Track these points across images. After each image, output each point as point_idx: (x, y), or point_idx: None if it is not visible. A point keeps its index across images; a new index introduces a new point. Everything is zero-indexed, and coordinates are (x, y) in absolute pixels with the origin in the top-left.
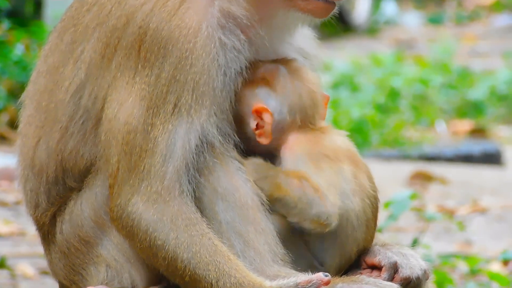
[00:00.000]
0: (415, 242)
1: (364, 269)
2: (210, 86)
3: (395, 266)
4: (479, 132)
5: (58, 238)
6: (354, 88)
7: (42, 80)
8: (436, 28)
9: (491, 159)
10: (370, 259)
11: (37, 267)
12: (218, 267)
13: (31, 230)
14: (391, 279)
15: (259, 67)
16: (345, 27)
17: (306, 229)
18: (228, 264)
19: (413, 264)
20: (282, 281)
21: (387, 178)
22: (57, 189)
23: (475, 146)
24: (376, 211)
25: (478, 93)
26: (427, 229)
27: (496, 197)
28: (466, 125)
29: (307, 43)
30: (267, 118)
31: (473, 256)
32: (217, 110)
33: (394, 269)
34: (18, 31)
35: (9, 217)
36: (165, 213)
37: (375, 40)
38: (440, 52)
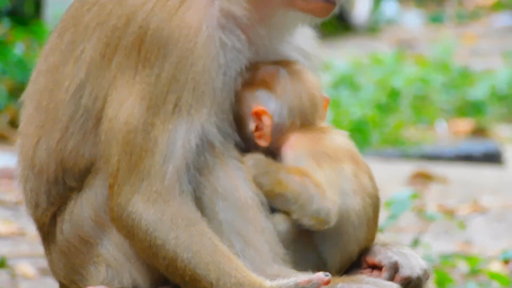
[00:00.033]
0: (416, 242)
1: (365, 269)
2: (211, 86)
3: (396, 266)
4: (480, 132)
5: (58, 238)
6: (354, 88)
7: (42, 80)
8: (437, 28)
9: (492, 159)
10: (371, 259)
11: (37, 267)
12: (218, 267)
13: (31, 230)
14: (392, 279)
15: (260, 69)
16: (346, 27)
17: (305, 226)
18: (228, 264)
19: (414, 264)
20: (282, 281)
21: (388, 178)
22: (57, 189)
23: (476, 146)
24: (377, 211)
25: (479, 93)
26: (427, 229)
27: (497, 197)
28: (467, 125)
29: (308, 43)
30: (267, 121)
31: (474, 256)
32: (218, 110)
33: (395, 269)
34: (19, 31)
35: (9, 217)
36: (165, 213)
37: (376, 40)
38: (441, 52)
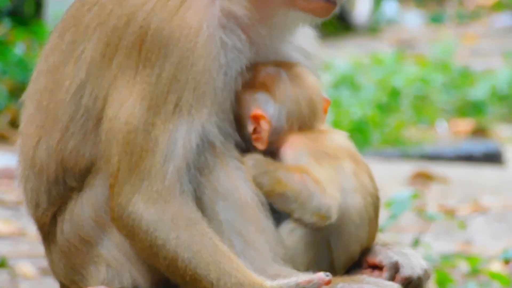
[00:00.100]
0: (416, 242)
1: (365, 269)
2: (211, 86)
3: (396, 266)
4: (480, 132)
5: (59, 238)
6: (355, 88)
7: (43, 80)
8: (437, 28)
9: (492, 159)
10: (371, 259)
11: (38, 267)
12: (219, 267)
13: (31, 230)
14: (392, 279)
15: (260, 71)
16: (346, 27)
17: (307, 224)
18: (229, 264)
19: (414, 264)
20: (283, 281)
21: (388, 178)
22: (58, 189)
23: (476, 146)
24: (378, 210)
25: (479, 93)
26: (428, 229)
27: (497, 197)
28: (467, 125)
29: (308, 43)
30: (264, 126)
31: (474, 256)
32: (218, 110)
33: (395, 269)
34: (19, 31)
35: (10, 217)
36: (166, 213)
37: (376, 40)
38: (441, 52)
